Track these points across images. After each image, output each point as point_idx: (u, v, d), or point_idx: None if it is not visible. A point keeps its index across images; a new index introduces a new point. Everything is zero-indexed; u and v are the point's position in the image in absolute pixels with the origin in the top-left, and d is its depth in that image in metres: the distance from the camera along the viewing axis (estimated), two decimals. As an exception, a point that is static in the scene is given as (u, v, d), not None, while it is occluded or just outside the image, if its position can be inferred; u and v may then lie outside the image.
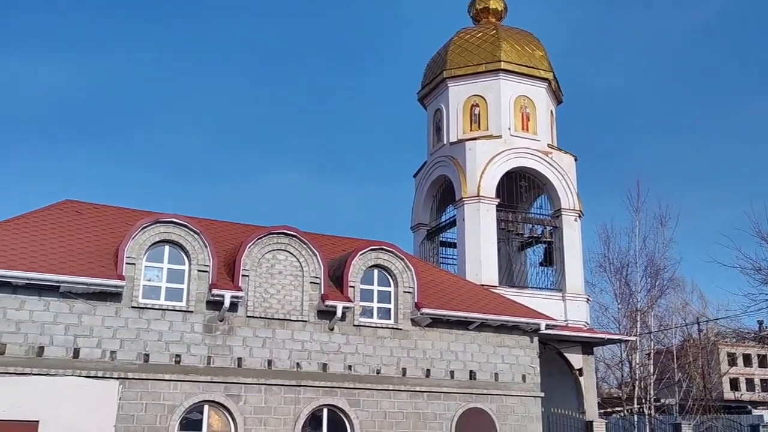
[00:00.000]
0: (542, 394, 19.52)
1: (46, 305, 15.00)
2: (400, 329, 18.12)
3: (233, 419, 16.05)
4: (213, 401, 16.00)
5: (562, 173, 26.25)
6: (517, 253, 27.91)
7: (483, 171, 24.90)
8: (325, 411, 17.05)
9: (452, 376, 18.46)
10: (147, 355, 15.60)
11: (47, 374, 14.67)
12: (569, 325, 23.67)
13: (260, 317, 16.79)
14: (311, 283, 17.38)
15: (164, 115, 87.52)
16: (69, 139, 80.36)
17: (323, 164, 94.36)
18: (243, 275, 16.67)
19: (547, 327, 19.82)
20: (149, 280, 16.11)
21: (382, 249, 18.35)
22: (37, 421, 14.37)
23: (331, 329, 17.40)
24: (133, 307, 15.68)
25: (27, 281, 14.69)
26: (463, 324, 18.79)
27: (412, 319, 18.27)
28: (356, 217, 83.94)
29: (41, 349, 14.79)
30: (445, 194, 27.42)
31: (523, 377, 19.35)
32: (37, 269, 14.83)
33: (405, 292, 18.34)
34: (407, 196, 29.31)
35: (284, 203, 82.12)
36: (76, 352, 15.03)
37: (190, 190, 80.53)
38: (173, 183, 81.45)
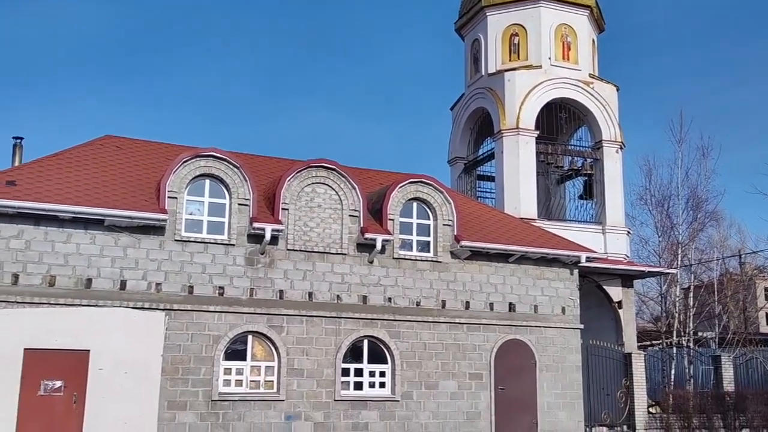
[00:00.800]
0: (581, 326, 19.55)
1: (93, 238, 15.28)
2: (440, 262, 18.17)
3: (276, 349, 16.38)
4: (256, 332, 16.32)
5: (603, 104, 25.68)
6: (556, 186, 27.58)
7: (522, 102, 24.45)
8: (365, 342, 17.30)
9: (491, 309, 18.55)
10: (191, 287, 15.89)
11: (96, 305, 15.04)
12: (609, 258, 23.51)
13: (300, 250, 16.93)
14: (350, 216, 17.42)
15: (200, 56, 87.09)
16: (106, 78, 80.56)
17: (358, 101, 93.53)
18: (283, 209, 16.76)
19: (588, 259, 19.72)
20: (191, 214, 16.28)
21: (421, 182, 18.25)
22: (88, 350, 14.82)
23: (371, 262, 17.50)
24: (176, 240, 15.90)
25: (74, 215, 14.94)
26: (502, 257, 18.77)
27: (451, 252, 18.28)
28: (392, 152, 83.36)
29: (89, 281, 15.13)
30: (483, 127, 27.06)
31: (563, 309, 19.37)
32: (82, 203, 15.07)
33: (444, 225, 18.30)
34: (443, 131, 29.01)
35: (319, 141, 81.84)
36: (123, 284, 15.36)
37: (226, 130, 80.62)
38: (209, 122, 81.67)
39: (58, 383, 14.58)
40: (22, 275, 14.66)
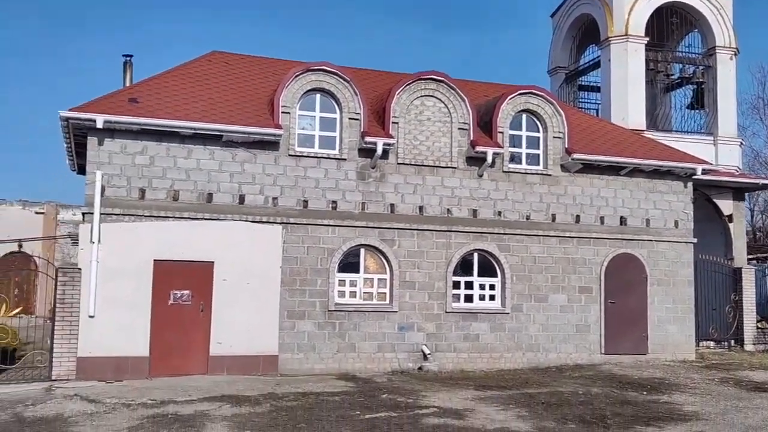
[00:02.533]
0: (695, 240, 19.07)
1: (212, 154, 15.63)
2: (550, 175, 17.87)
3: (388, 262, 16.64)
4: (368, 245, 16.58)
5: (717, 7, 24.22)
6: (662, 95, 26.47)
7: (631, 7, 23.28)
8: (475, 255, 17.37)
9: (602, 222, 18.25)
10: (306, 202, 16.18)
11: (217, 219, 15.52)
12: (720, 170, 22.63)
13: (410, 164, 16.92)
14: (459, 129, 17.22)
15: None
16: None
17: (451, 14, 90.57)
18: (393, 122, 16.68)
19: (703, 172, 19.05)
20: (303, 129, 16.41)
21: (531, 93, 17.80)
22: (213, 262, 15.40)
23: (480, 176, 17.37)
24: (290, 155, 16.10)
25: (193, 131, 15.27)
26: (614, 169, 18.31)
27: (561, 165, 17.93)
28: (487, 64, 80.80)
29: (210, 195, 15.57)
30: (587, 34, 26.01)
31: (676, 223, 18.88)
32: (201, 119, 15.36)
33: (554, 137, 17.90)
34: (542, 40, 27.97)
35: (414, 54, 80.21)
36: (242, 198, 15.75)
37: (311, 44, 79.91)
38: (293, 34, 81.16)
39: (186, 293, 15.26)
40: (148, 190, 15.20)
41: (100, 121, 14.54)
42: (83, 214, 15.06)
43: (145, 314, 14.86)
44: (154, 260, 15.03)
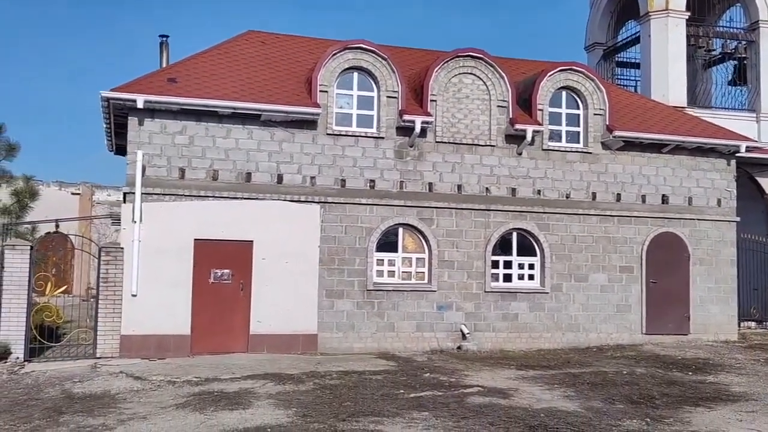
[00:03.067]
0: (738, 219, 18.72)
1: (250, 133, 15.62)
2: (590, 153, 17.61)
3: (426, 241, 16.55)
4: (407, 224, 16.50)
5: (761, -20, 23.55)
6: (703, 71, 25.89)
7: (672, -19, 22.72)
8: (514, 234, 17.21)
9: (644, 201, 17.97)
10: (343, 181, 16.12)
11: (256, 198, 15.53)
12: (763, 147, 22.11)
13: (449, 142, 16.76)
14: (498, 107, 17.00)
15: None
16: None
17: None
18: (431, 100, 16.52)
19: (747, 149, 18.65)
20: (341, 108, 16.32)
21: (571, 69, 17.50)
22: (252, 241, 15.43)
23: (520, 154, 17.16)
24: (328, 134, 16.03)
25: (232, 110, 15.26)
26: (656, 147, 17.99)
27: (602, 143, 17.65)
28: (519, 41, 79.83)
29: (249, 174, 15.58)
30: (625, 10, 25.44)
31: (718, 201, 18.54)
32: (239, 98, 15.34)
33: (595, 114, 17.61)
34: (578, 16, 27.45)
35: (444, 38, 79.51)
36: (280, 178, 15.74)
37: (334, 22, 79.59)
38: (320, 13, 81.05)
39: (226, 272, 15.33)
40: (188, 170, 15.24)
41: (140, 101, 14.58)
42: (124, 194, 15.16)
43: (186, 293, 14.96)
44: (195, 239, 15.10)
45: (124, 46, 75.17)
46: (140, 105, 14.62)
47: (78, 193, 35.44)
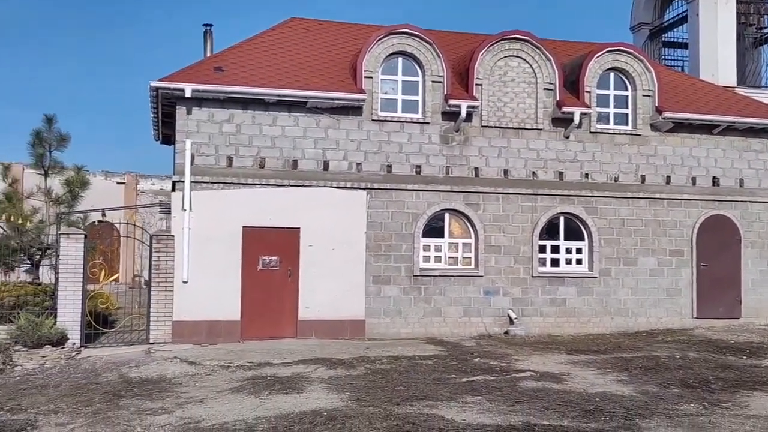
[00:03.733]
0: (792, 201, 18.30)
1: (296, 121, 15.69)
2: (639, 135, 17.34)
3: (473, 226, 16.49)
4: (453, 209, 16.45)
5: (814, -46, 22.91)
6: (753, 49, 25.32)
7: (721, -42, 22.21)
8: (561, 219, 17.06)
9: (694, 183, 17.65)
10: (389, 167, 16.12)
11: (302, 185, 15.62)
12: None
13: (494, 126, 16.65)
14: (545, 89, 16.82)
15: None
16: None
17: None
18: (476, 84, 16.41)
19: (802, 128, 18.19)
20: (386, 93, 16.30)
21: (619, 50, 17.22)
22: (299, 228, 15.54)
23: (567, 137, 16.97)
24: (373, 120, 16.04)
25: (278, 98, 15.34)
26: (706, 128, 17.64)
27: (651, 124, 17.37)
28: (562, 23, 78.76)
29: (295, 162, 15.67)
30: (672, -12, 24.98)
31: (771, 183, 18.15)
32: (285, 86, 15.42)
33: (644, 95, 17.31)
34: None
35: (482, 20, 78.76)
36: (326, 164, 15.80)
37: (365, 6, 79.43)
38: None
39: (274, 258, 15.47)
40: (236, 158, 15.38)
41: (188, 90, 14.73)
42: (174, 182, 15.36)
43: (235, 279, 15.14)
44: (243, 227, 15.26)
45: (167, 36, 76.00)
46: (188, 94, 14.77)
47: (123, 183, 36.04)
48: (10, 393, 10.67)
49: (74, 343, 14.12)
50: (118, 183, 35.88)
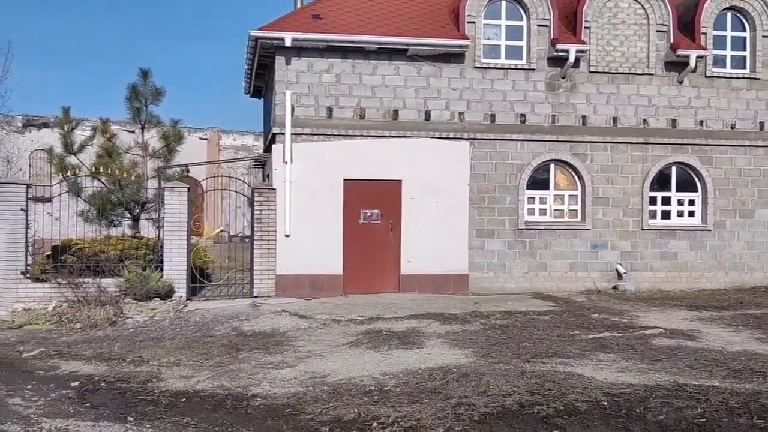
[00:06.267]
0: None
1: (396, 69, 15.19)
2: (758, 79, 16.20)
3: (580, 178, 15.79)
4: (559, 160, 15.78)
5: None
6: None
7: None
8: (673, 169, 16.19)
9: (819, 129, 16.49)
10: (493, 116, 15.50)
11: (404, 136, 15.18)
12: None
13: (603, 72, 15.79)
14: (657, 32, 15.82)
15: None
16: None
17: None
18: (585, 27, 15.54)
19: None
20: (489, 39, 15.60)
21: (739, -13, 16.03)
22: (400, 180, 15.15)
23: (680, 82, 15.98)
24: (476, 67, 15.39)
25: (378, 46, 14.84)
26: (834, 70, 16.36)
27: (772, 67, 16.22)
28: None
29: (396, 112, 15.21)
30: None
31: None
32: (386, 33, 14.89)
33: (764, 36, 16.13)
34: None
35: None
36: (427, 114, 15.29)
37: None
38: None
39: (375, 212, 15.16)
40: (336, 108, 15.02)
41: (288, 39, 14.37)
42: (273, 134, 15.12)
43: (337, 233, 14.91)
44: (344, 179, 14.96)
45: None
46: (288, 43, 14.41)
47: (206, 138, 36.34)
48: (129, 345, 10.73)
49: (181, 296, 14.17)
50: (200, 138, 36.18)
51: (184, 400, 7.85)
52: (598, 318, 11.95)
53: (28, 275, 13.64)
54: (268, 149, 17.97)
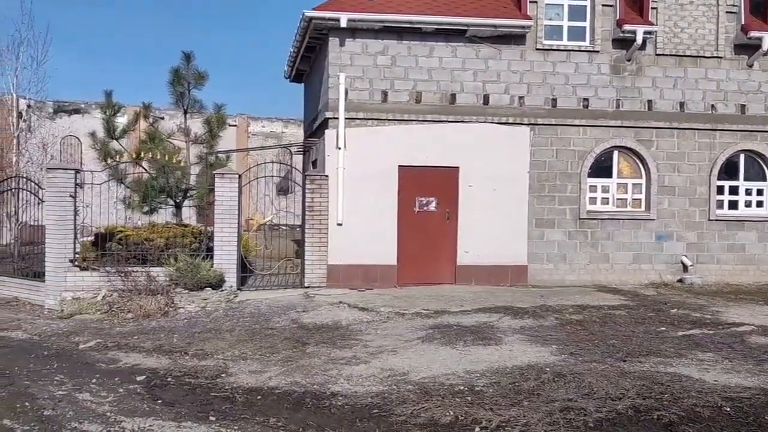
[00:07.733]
0: None
1: (454, 51, 14.52)
2: (834, 62, 15.40)
3: (645, 165, 15.08)
4: (623, 147, 15.06)
5: None
6: None
7: None
8: (742, 157, 15.43)
9: None
10: (554, 100, 14.81)
11: (461, 121, 14.53)
12: None
13: (670, 55, 15.03)
14: (727, 12, 15.03)
15: None
16: None
17: None
18: (652, 8, 14.78)
19: None
20: (550, 19, 14.89)
21: (816, -35, 15.20)
22: (458, 167, 14.51)
23: (751, 66, 15.20)
24: (537, 49, 14.69)
25: (436, 26, 14.17)
26: None
27: None
28: None
29: (453, 96, 14.56)
30: None
31: None
32: (443, 12, 14.23)
33: (842, 17, 15.30)
34: None
35: None
36: (486, 98, 14.63)
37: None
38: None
39: (431, 200, 14.55)
40: (390, 92, 14.39)
41: (344, 19, 13.75)
42: (326, 119, 14.53)
43: (391, 222, 14.32)
44: (399, 166, 14.35)
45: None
46: (343, 24, 13.79)
47: (235, 125, 35.83)
48: (187, 337, 10.26)
49: (231, 286, 13.65)
50: (230, 125, 35.69)
51: (259, 397, 7.35)
52: (679, 313, 11.28)
53: (76, 263, 13.18)
54: (312, 134, 17.40)
